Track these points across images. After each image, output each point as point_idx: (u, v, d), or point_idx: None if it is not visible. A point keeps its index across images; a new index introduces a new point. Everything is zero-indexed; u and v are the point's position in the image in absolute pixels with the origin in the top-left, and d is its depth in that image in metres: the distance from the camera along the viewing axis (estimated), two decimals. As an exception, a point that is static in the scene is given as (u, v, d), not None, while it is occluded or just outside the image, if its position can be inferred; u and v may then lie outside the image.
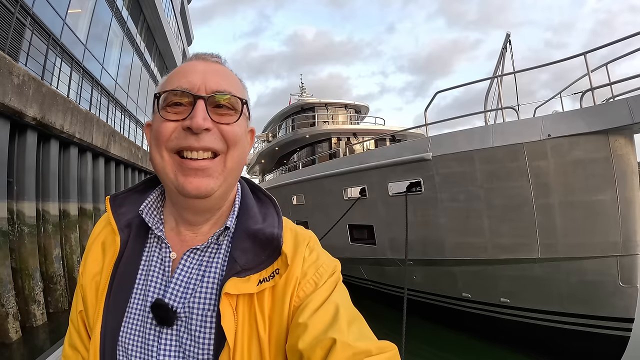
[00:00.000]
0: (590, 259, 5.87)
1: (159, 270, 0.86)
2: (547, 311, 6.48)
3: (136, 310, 0.84)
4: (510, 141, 6.10)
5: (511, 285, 6.72)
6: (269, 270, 0.81)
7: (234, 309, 0.77)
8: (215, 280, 0.82)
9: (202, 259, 0.85)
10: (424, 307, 8.49)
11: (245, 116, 0.88)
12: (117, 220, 0.91)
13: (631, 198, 5.57)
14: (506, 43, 8.41)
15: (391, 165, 7.84)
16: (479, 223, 6.72)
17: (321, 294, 0.79)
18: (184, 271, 0.84)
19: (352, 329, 0.72)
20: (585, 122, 5.56)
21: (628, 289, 5.74)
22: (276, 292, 0.80)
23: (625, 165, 5.54)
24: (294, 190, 11.86)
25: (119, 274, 0.86)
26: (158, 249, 0.88)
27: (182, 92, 0.80)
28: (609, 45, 6.02)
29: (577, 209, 5.85)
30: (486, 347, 7.20)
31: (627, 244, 5.64)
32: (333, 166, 9.91)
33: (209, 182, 0.79)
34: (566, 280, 6.13)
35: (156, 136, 0.81)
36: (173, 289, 0.82)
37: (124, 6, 17.07)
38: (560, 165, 5.84)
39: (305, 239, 0.89)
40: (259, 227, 0.85)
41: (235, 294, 0.77)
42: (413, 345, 7.12)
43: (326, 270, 0.84)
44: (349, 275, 10.76)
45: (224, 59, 0.92)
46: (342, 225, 9.42)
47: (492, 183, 6.46)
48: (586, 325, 6.17)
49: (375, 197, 8.44)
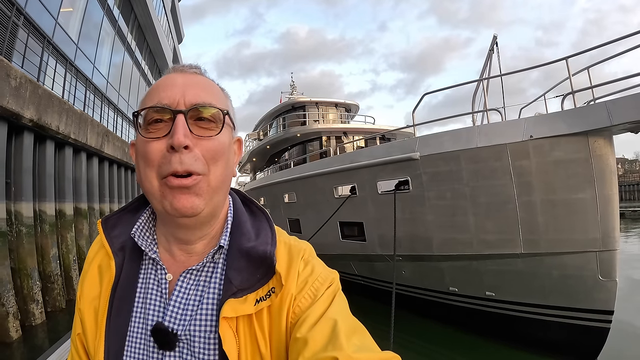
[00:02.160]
0: (571, 254, 6.03)
1: (157, 292, 0.84)
2: (530, 304, 6.62)
3: (137, 334, 0.82)
4: (495, 142, 6.22)
5: (496, 279, 6.86)
6: (264, 289, 0.79)
7: (234, 331, 0.76)
8: (214, 302, 0.80)
9: (199, 280, 0.83)
10: (412, 301, 8.59)
11: (229, 126, 0.85)
12: (110, 243, 0.89)
13: (610, 196, 5.72)
14: (493, 45, 8.57)
15: (380, 164, 7.91)
16: (465, 220, 6.84)
17: (318, 307, 0.77)
18: (181, 293, 0.82)
19: (352, 341, 0.70)
20: (566, 124, 5.70)
21: (607, 282, 5.91)
22: (273, 309, 0.79)
23: (604, 165, 5.68)
24: (285, 189, 11.88)
25: (117, 298, 0.84)
26: (154, 270, 0.86)
27: (162, 108, 0.77)
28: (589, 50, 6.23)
29: (558, 207, 5.99)
30: (473, 339, 7.33)
31: (605, 239, 5.80)
32: (324, 165, 9.96)
33: (194, 200, 0.76)
34: (548, 274, 6.28)
35: (144, 159, 0.78)
36: (172, 311, 0.80)
37: (115, 5, 16.89)
38: (542, 165, 5.97)
39: (299, 251, 0.86)
40: (252, 244, 0.82)
41: (234, 316, 0.76)
42: (402, 339, 7.28)
43: (322, 283, 0.82)
44: (340, 271, 10.74)
45: (203, 69, 0.89)
46: (333, 222, 9.48)
47: (477, 182, 6.58)
48: (568, 317, 6.32)
49: (365, 195, 8.51)
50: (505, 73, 7.40)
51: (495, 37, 8.73)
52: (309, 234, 10.25)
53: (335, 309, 0.77)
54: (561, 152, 5.82)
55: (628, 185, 66.16)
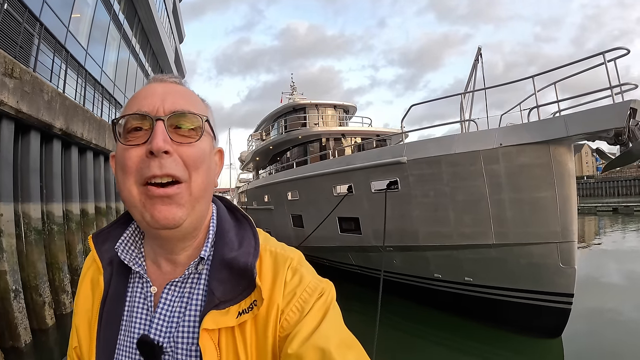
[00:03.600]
0: (535, 245, 6.79)
1: (143, 305, 0.83)
2: (502, 288, 7.43)
3: (125, 347, 0.81)
4: (470, 148, 7.02)
5: (473, 266, 7.68)
6: (247, 301, 0.77)
7: (216, 343, 0.75)
8: (197, 313, 0.79)
9: (183, 291, 0.82)
10: (403, 288, 9.44)
11: (209, 135, 0.83)
12: (100, 258, 0.88)
13: (568, 195, 6.49)
14: (478, 56, 9.31)
15: (373, 166, 8.69)
16: (446, 215, 7.65)
17: (310, 321, 0.75)
18: (166, 305, 0.81)
19: (347, 357, 0.70)
20: (530, 134, 6.47)
21: (567, 269, 6.68)
22: (258, 322, 0.77)
23: (563, 169, 6.44)
24: (289, 187, 12.60)
25: (106, 311, 0.84)
26: (140, 284, 0.85)
27: (141, 115, 0.76)
28: (552, 70, 7.14)
29: (524, 204, 6.77)
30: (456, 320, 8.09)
31: (565, 232, 6.57)
32: (324, 166, 10.72)
33: (176, 211, 0.74)
34: (517, 262, 7.07)
35: (122, 167, 0.76)
36: (157, 324, 0.80)
37: (120, 10, 17.33)
38: (509, 168, 6.74)
39: (286, 260, 0.83)
40: (234, 255, 0.80)
41: (216, 328, 0.75)
42: (393, 321, 8.12)
43: (311, 295, 0.79)
44: (340, 262, 11.63)
45: (183, 80, 0.88)
46: (333, 218, 10.24)
47: (455, 182, 7.37)
48: (535, 299, 7.10)
49: (360, 193, 9.28)
50: (489, 87, 8.17)
51: (480, 49, 9.48)
52: (311, 229, 11.00)
53: (329, 323, 0.75)
54: (526, 157, 6.60)
55: (624, 180, 65.21)
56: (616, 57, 6.12)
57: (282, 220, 13.74)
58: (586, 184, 68.22)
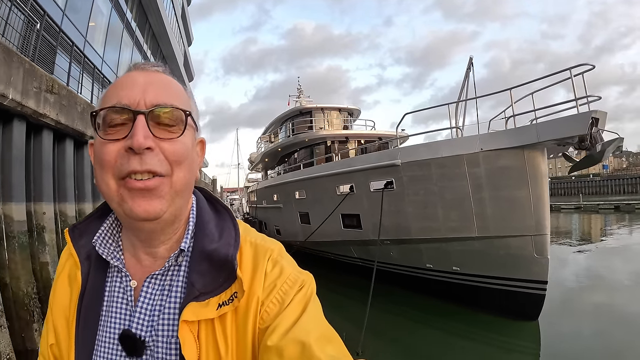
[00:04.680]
0: (513, 237, 7.53)
1: (123, 300, 0.81)
2: (485, 276, 8.21)
3: (105, 342, 0.79)
4: (455, 153, 7.81)
5: (460, 257, 8.46)
6: (227, 293, 0.76)
7: (195, 336, 0.74)
8: (176, 305, 0.77)
9: (163, 284, 0.80)
10: (399, 277, 10.29)
11: (192, 127, 0.80)
12: (77, 252, 0.85)
13: (541, 194, 7.24)
14: (469, 65, 10.01)
15: (372, 168, 9.52)
16: (435, 211, 8.45)
17: (290, 314, 0.74)
18: (146, 299, 0.79)
19: (326, 351, 0.68)
20: (507, 140, 7.23)
21: (541, 259, 7.42)
22: (238, 314, 0.76)
23: (536, 170, 7.18)
24: (296, 187, 13.44)
25: (84, 307, 0.81)
26: (119, 278, 0.83)
27: (121, 108, 0.72)
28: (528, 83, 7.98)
29: (502, 201, 7.54)
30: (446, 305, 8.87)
31: (538, 226, 7.31)
32: (328, 168, 11.56)
33: (156, 203, 0.72)
34: (497, 252, 7.83)
35: (100, 162, 0.73)
36: (138, 318, 0.78)
37: (132, 18, 17.93)
38: (489, 170, 7.50)
39: (266, 252, 0.81)
40: (214, 246, 0.79)
41: (196, 320, 0.74)
42: (390, 307, 9.00)
43: (291, 286, 0.78)
44: (344, 255, 12.45)
45: (165, 68, 0.83)
46: (336, 214, 11.03)
47: (443, 182, 8.16)
48: (514, 286, 7.83)
49: (360, 192, 10.08)
50: (480, 95, 8.79)
51: (471, 59, 10.20)
52: (317, 225, 11.80)
53: (309, 316, 0.74)
54: (504, 161, 7.36)
55: (630, 178, 64.15)
56: (583, 72, 6.85)
57: (290, 218, 14.58)
58: (592, 181, 67.66)
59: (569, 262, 13.98)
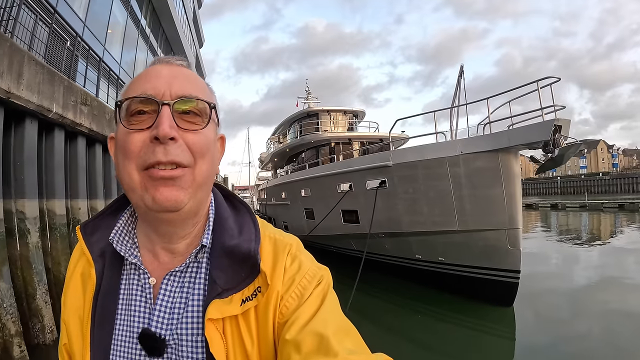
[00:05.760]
0: (489, 231, 8.26)
1: (141, 298, 0.79)
2: (467, 265, 8.98)
3: (122, 342, 0.77)
4: (439, 155, 8.62)
5: (444, 248, 9.23)
6: (250, 288, 0.75)
7: (221, 332, 0.73)
8: (199, 303, 0.76)
9: (183, 281, 0.79)
10: (393, 267, 11.17)
11: (214, 122, 0.79)
12: (90, 250, 0.83)
13: (513, 192, 7.98)
14: (460, 73, 10.68)
15: (368, 169, 10.39)
16: (421, 207, 9.29)
17: (308, 308, 0.73)
18: (166, 296, 0.78)
19: (345, 344, 0.66)
20: (484, 144, 8.00)
21: (514, 250, 8.14)
22: (259, 309, 0.75)
23: (509, 171, 7.90)
24: (302, 185, 14.40)
25: (100, 306, 0.79)
26: (136, 275, 0.81)
27: (147, 98, 0.71)
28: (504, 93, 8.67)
29: (479, 199, 8.29)
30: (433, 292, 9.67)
31: (511, 221, 8.03)
32: (330, 168, 12.48)
33: (178, 193, 0.71)
34: (476, 244, 8.57)
35: (123, 152, 0.72)
36: (158, 316, 0.76)
37: (146, 24, 18.77)
38: (468, 171, 8.26)
39: (285, 246, 0.81)
40: (235, 242, 0.78)
41: (221, 318, 0.72)
42: (385, 294, 9.92)
43: (310, 281, 0.77)
44: (344, 248, 13.30)
45: (189, 63, 0.83)
46: (337, 210, 11.94)
47: (428, 182, 8.97)
48: (491, 275, 8.54)
49: (358, 190, 10.93)
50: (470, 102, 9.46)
51: (462, 67, 10.95)
52: (320, 219, 12.76)
53: (327, 310, 0.74)
54: (481, 162, 8.09)
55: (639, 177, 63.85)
56: (550, 83, 7.66)
57: (296, 214, 15.61)
58: (601, 180, 67.40)
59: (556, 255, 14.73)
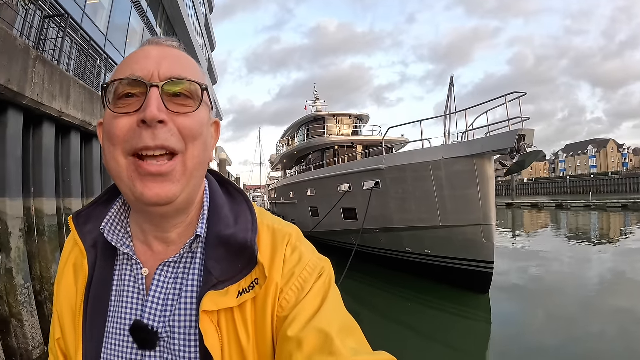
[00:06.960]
0: (467, 226, 9.26)
1: (133, 289, 0.75)
2: (450, 257, 9.98)
3: (115, 334, 0.74)
4: (424, 160, 9.67)
5: (430, 242, 10.27)
6: (247, 280, 0.71)
7: (216, 325, 0.69)
8: (193, 295, 0.72)
9: (177, 272, 0.75)
10: (387, 260, 12.24)
11: (207, 105, 0.74)
12: (83, 240, 0.80)
13: (487, 192, 8.97)
14: (451, 82, 11.76)
15: (364, 171, 11.46)
16: (410, 205, 10.35)
17: (310, 303, 0.70)
18: (159, 287, 0.74)
19: (348, 343, 0.64)
20: (462, 150, 9.03)
21: (488, 244, 9.10)
22: (257, 302, 0.71)
23: (484, 174, 8.87)
24: (308, 185, 15.60)
25: (92, 297, 0.76)
26: (129, 266, 0.77)
27: (134, 80, 0.67)
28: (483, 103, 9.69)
29: (458, 198, 9.30)
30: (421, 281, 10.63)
31: (485, 217, 9.02)
32: (332, 170, 13.66)
33: (170, 187, 0.67)
34: (457, 238, 9.58)
35: (109, 136, 0.68)
36: (151, 308, 0.73)
37: (161, 33, 19.50)
38: (449, 173, 9.29)
39: (285, 236, 0.77)
40: (231, 232, 0.74)
41: (216, 310, 0.69)
42: (379, 284, 10.96)
43: (311, 274, 0.74)
44: (345, 242, 14.21)
45: (180, 44, 0.78)
46: (338, 208, 13.02)
47: (415, 183, 10.02)
48: (470, 265, 9.50)
49: (356, 190, 11.98)
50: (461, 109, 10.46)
51: (452, 77, 12.04)
52: (323, 216, 13.92)
53: (330, 306, 0.70)
54: (459, 166, 9.08)
55: None
56: (517, 97, 8.69)
57: (303, 212, 16.87)
58: (611, 180, 67.18)
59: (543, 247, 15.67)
